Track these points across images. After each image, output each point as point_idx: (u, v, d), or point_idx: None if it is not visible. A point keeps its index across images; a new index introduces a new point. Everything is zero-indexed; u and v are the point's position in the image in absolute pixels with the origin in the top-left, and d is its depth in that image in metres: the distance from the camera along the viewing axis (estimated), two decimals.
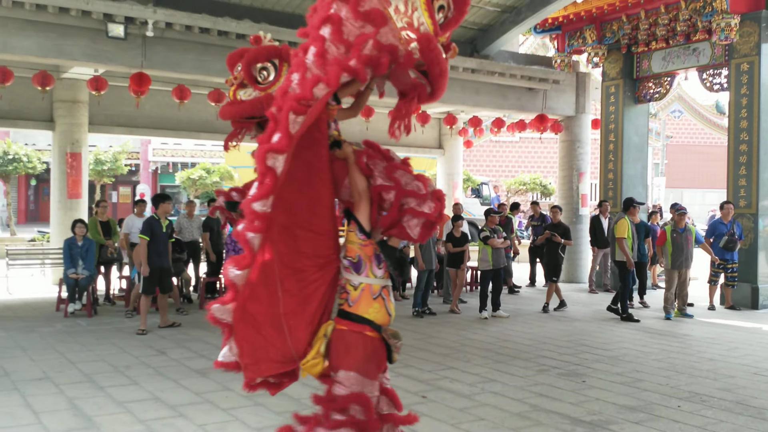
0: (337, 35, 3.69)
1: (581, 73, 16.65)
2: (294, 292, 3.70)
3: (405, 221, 3.94)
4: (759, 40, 12.13)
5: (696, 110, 35.24)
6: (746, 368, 7.68)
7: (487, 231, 11.00)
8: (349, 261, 3.85)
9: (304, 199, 3.69)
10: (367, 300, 3.82)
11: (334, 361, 3.81)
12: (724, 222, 11.97)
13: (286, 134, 3.54)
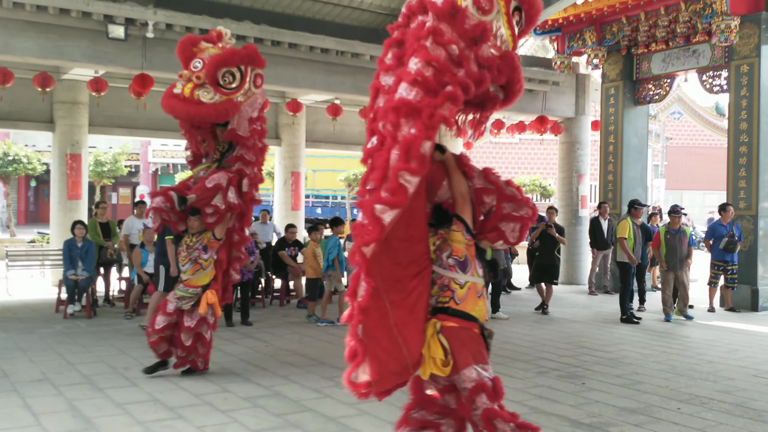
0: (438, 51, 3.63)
1: (581, 75, 16.66)
2: (399, 302, 3.70)
3: (503, 225, 4.14)
4: (759, 42, 12.13)
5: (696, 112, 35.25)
6: (746, 370, 7.67)
7: None
8: (455, 260, 3.92)
9: (404, 211, 3.57)
10: (473, 298, 3.94)
11: (454, 358, 3.83)
12: (723, 224, 11.97)
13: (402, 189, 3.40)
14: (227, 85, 6.59)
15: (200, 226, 6.85)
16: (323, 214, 28.58)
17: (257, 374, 7.14)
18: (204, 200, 6.71)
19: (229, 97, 6.59)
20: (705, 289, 12.64)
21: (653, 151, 33.24)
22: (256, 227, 12.79)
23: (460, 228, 3.98)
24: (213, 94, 6.50)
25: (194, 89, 6.48)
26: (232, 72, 6.59)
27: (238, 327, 9.90)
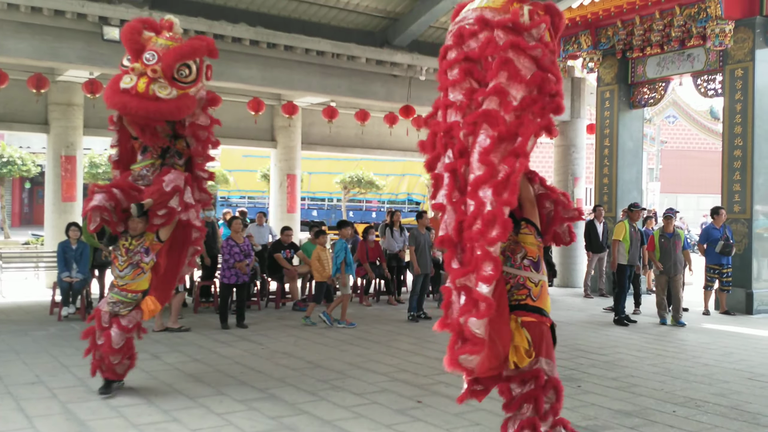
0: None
1: (576, 78, 16.70)
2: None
3: (558, 228, 4.69)
4: (753, 46, 12.17)
5: (690, 116, 35.40)
6: (741, 373, 7.69)
7: None
8: (530, 260, 4.36)
9: None
10: (545, 295, 4.38)
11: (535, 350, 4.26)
12: (716, 227, 12.00)
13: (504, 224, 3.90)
14: (183, 79, 6.06)
15: (144, 227, 6.34)
16: (319, 216, 28.56)
17: (252, 377, 7.12)
18: (161, 204, 6.21)
19: (185, 92, 6.08)
20: (700, 293, 12.66)
21: (648, 155, 33.35)
22: (252, 229, 12.79)
23: (532, 231, 4.41)
24: (169, 89, 5.94)
25: (149, 84, 5.85)
26: (188, 65, 6.09)
27: (234, 329, 9.88)
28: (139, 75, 5.87)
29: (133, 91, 5.81)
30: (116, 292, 6.39)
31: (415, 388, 6.77)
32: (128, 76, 5.92)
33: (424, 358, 8.16)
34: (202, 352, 8.33)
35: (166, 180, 6.21)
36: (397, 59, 13.85)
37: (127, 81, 5.89)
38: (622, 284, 11.21)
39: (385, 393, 6.59)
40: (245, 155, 28.09)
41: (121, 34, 6.06)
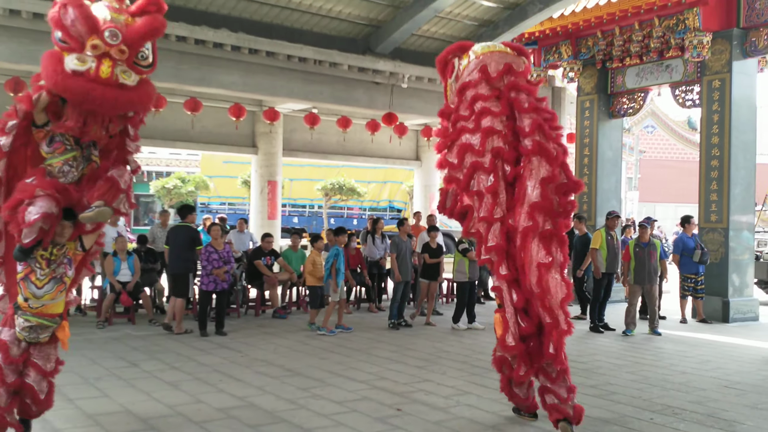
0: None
1: (557, 88, 16.84)
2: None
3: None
4: (730, 58, 12.35)
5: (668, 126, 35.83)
6: (717, 381, 7.76)
7: (466, 243, 10.98)
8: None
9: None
10: None
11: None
12: (689, 236, 12.12)
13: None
14: (141, 62, 5.07)
15: (69, 234, 5.12)
16: (300, 223, 28.48)
17: (231, 385, 7.07)
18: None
19: (145, 78, 5.17)
20: (676, 301, 12.78)
21: (627, 164, 33.66)
22: (232, 236, 12.72)
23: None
24: (133, 76, 4.97)
25: (114, 68, 4.81)
26: (147, 47, 5.15)
27: (213, 337, 9.81)
28: (99, 56, 4.74)
29: (94, 75, 4.73)
30: (30, 315, 5.00)
31: (395, 396, 6.76)
32: (77, 56, 4.73)
33: (405, 365, 8.15)
34: (181, 359, 8.26)
35: (116, 176, 5.20)
36: (380, 67, 13.89)
37: (79, 62, 4.73)
38: (597, 292, 11.28)
39: (365, 401, 6.57)
40: (226, 161, 27.98)
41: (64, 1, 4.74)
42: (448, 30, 14.60)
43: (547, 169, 5.31)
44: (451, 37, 14.88)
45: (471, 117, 5.63)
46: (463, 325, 11.04)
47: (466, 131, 5.64)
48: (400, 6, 13.22)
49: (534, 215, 5.28)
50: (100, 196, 5.06)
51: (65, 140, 5.04)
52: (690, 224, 12.16)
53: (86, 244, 5.32)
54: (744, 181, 12.60)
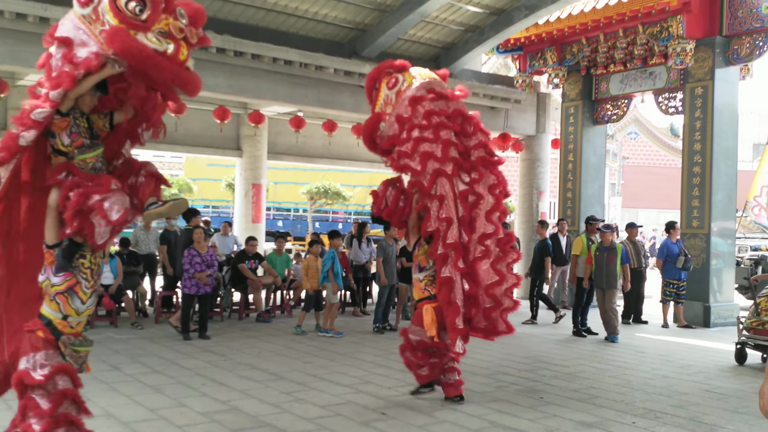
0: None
1: (542, 94, 16.93)
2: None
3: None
4: (713, 65, 12.48)
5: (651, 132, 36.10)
6: (699, 385, 7.83)
7: None
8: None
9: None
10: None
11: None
12: (673, 242, 12.20)
13: None
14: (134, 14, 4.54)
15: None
16: (285, 227, 28.40)
17: (214, 389, 7.03)
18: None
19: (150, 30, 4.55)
20: (657, 306, 12.87)
21: (610, 170, 33.88)
22: (216, 239, 12.66)
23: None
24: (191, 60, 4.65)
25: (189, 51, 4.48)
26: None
27: (196, 341, 9.75)
28: (177, 39, 4.30)
29: (175, 60, 4.28)
30: (78, 344, 4.42)
31: (379, 400, 6.75)
32: (154, 36, 4.21)
33: (389, 369, 8.15)
34: (163, 363, 8.20)
35: (154, 170, 4.85)
36: (366, 70, 13.85)
37: (158, 42, 4.21)
38: (579, 297, 11.34)
39: (349, 405, 6.56)
40: (210, 164, 27.87)
41: None
42: (434, 35, 14.64)
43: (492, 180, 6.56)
44: (437, 42, 14.93)
45: (430, 128, 6.38)
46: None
47: (426, 141, 6.35)
48: (387, 10, 13.24)
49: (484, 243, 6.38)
50: (151, 192, 4.76)
51: (81, 131, 4.57)
52: (675, 230, 12.24)
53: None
54: (725, 188, 12.73)
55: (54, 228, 4.39)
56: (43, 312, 4.36)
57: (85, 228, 4.24)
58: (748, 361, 9.07)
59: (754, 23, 12.07)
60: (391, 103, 6.66)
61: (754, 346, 8.92)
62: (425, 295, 6.77)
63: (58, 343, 4.33)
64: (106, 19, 4.19)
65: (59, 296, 4.33)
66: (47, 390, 4.25)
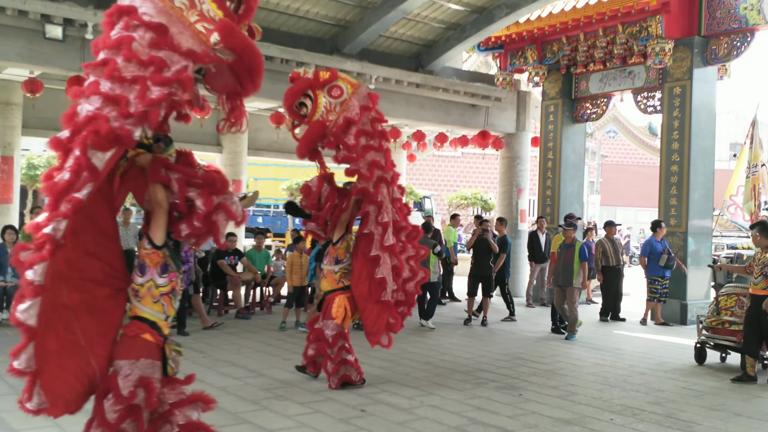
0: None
1: (522, 92, 17.01)
2: None
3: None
4: (691, 65, 12.61)
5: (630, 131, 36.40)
6: (675, 383, 7.92)
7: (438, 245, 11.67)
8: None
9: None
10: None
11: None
12: (657, 240, 12.28)
13: None
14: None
15: None
16: (264, 223, 28.29)
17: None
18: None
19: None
20: (638, 303, 12.98)
21: (589, 168, 34.11)
22: None
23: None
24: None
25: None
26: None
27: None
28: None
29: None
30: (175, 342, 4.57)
31: (358, 397, 6.76)
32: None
33: (368, 366, 8.15)
34: None
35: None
36: (347, 67, 13.85)
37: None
38: None
39: (329, 402, 6.56)
40: None
41: None
42: (415, 32, 14.65)
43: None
44: (418, 39, 14.94)
45: (375, 136, 6.97)
46: (431, 324, 11.30)
47: (373, 149, 6.93)
48: (368, 7, 13.22)
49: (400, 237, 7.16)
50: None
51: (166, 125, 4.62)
52: (660, 229, 12.24)
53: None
54: (703, 187, 12.87)
55: (163, 228, 4.24)
56: (143, 315, 4.18)
57: (213, 229, 4.23)
58: (708, 360, 9.05)
59: (732, 24, 12.21)
60: (335, 111, 6.87)
61: (713, 345, 8.88)
62: (339, 286, 7.23)
63: (165, 345, 4.26)
64: (204, 9, 4.05)
65: (164, 297, 4.24)
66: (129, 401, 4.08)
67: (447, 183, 35.41)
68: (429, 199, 27.97)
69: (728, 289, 9.07)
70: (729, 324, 8.66)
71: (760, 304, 7.89)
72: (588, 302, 15.11)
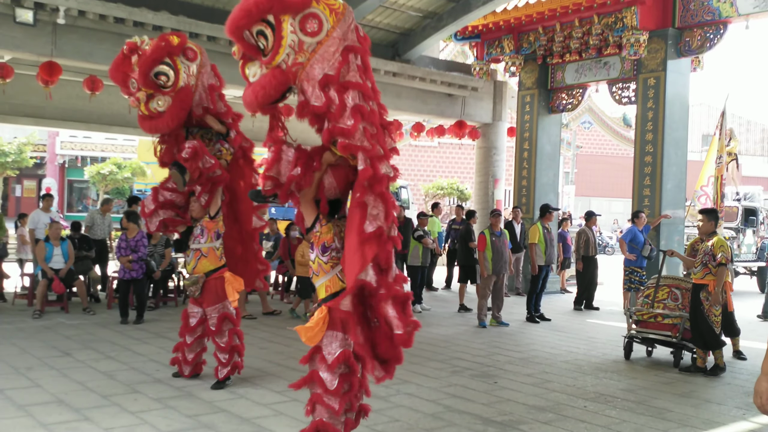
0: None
1: (498, 82, 17.04)
2: None
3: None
4: (665, 57, 12.72)
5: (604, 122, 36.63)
6: (647, 370, 8.03)
7: (420, 231, 12.04)
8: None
9: None
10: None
11: None
12: (639, 229, 12.29)
13: None
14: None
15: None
16: None
17: (168, 374, 6.94)
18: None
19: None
20: (612, 292, 13.12)
21: (564, 159, 34.34)
22: None
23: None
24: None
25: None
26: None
27: (149, 325, 9.61)
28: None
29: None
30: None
31: None
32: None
33: None
34: (116, 349, 8.07)
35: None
36: None
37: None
38: (535, 284, 11.51)
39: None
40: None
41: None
42: (392, 20, 14.60)
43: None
44: (395, 28, 14.89)
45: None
46: (419, 308, 11.74)
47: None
48: None
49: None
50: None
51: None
52: (639, 218, 12.20)
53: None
54: (675, 177, 13.02)
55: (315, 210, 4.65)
56: (324, 294, 4.59)
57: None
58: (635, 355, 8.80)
59: (705, 16, 12.33)
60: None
61: (641, 339, 8.59)
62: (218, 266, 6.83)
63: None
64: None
65: (324, 272, 4.60)
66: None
67: (423, 173, 35.45)
68: (405, 189, 27.97)
69: (656, 280, 8.83)
70: (662, 317, 8.37)
71: (698, 294, 7.81)
72: (562, 291, 15.25)
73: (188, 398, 6.14)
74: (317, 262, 4.65)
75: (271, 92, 4.55)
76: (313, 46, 4.37)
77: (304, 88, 4.45)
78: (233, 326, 6.73)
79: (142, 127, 6.65)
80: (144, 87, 6.37)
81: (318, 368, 4.64)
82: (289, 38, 4.37)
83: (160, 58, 6.35)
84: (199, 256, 6.70)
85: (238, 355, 6.74)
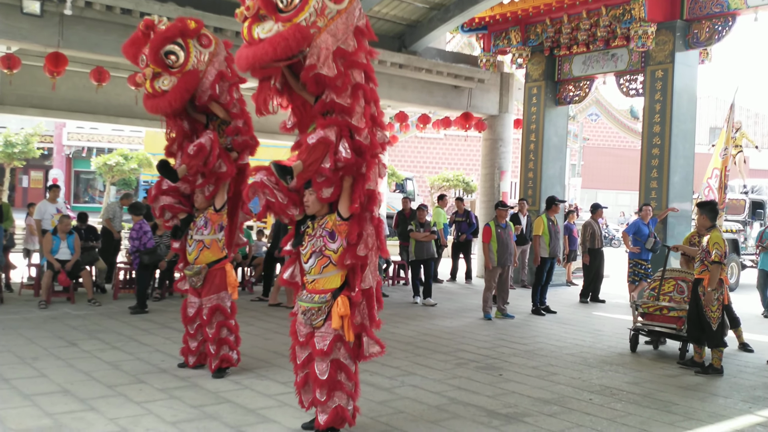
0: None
1: (505, 74, 16.98)
2: None
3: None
4: (673, 49, 12.64)
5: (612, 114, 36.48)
6: (653, 363, 8.01)
7: (411, 225, 11.94)
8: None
9: None
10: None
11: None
12: (644, 222, 12.24)
13: None
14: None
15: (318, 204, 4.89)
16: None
17: (174, 365, 6.97)
18: (315, 164, 4.75)
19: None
20: (617, 285, 13.08)
21: (571, 151, 34.21)
22: None
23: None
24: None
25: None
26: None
27: (155, 316, 9.64)
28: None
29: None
30: (303, 297, 4.97)
31: None
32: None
33: None
34: (122, 339, 8.10)
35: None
36: None
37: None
38: (539, 276, 11.50)
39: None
40: None
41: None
42: (399, 12, 14.55)
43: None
44: (402, 19, 14.84)
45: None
46: (419, 301, 11.86)
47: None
48: None
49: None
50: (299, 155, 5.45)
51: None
52: (643, 211, 12.16)
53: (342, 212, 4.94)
54: (683, 170, 12.96)
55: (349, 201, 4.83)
56: (341, 282, 4.93)
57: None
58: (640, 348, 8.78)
59: (713, 8, 12.25)
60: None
61: (647, 332, 8.58)
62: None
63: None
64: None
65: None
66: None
67: (429, 165, 35.41)
68: (411, 180, 27.96)
69: (665, 273, 8.78)
70: (667, 310, 8.32)
71: (698, 288, 7.65)
72: (568, 284, 15.23)
73: (193, 389, 6.16)
74: (339, 251, 4.80)
75: (293, 45, 4.55)
76: (333, 13, 4.57)
77: (316, 53, 4.56)
78: (224, 318, 6.68)
79: (144, 106, 6.63)
80: (152, 63, 6.36)
81: (339, 356, 4.89)
82: (313, 2, 4.52)
83: (172, 37, 6.33)
84: (201, 247, 6.69)
85: (228, 348, 6.67)
